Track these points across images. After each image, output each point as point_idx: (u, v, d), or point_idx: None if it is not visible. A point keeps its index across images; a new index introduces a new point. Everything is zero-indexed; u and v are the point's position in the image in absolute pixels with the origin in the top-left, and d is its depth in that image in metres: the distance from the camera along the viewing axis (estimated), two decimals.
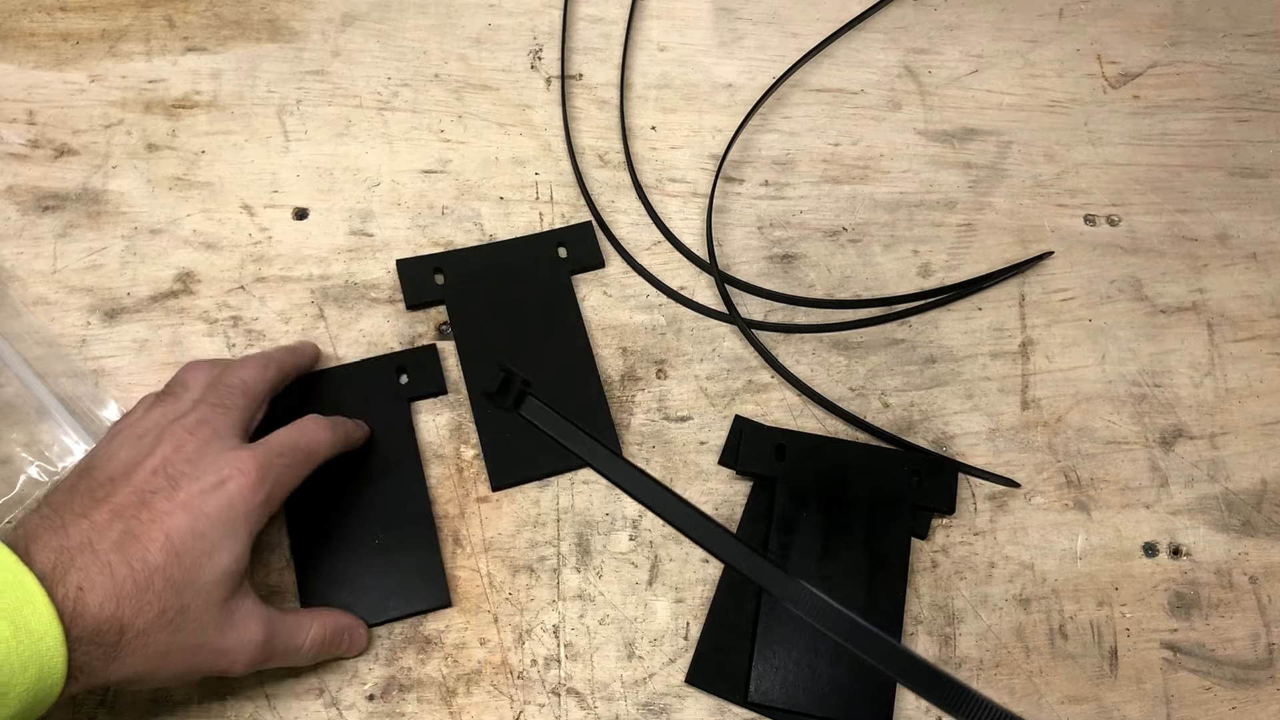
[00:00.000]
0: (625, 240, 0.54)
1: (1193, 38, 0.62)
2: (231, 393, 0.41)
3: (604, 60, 0.59)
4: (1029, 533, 0.48)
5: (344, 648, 0.42)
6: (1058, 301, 0.54)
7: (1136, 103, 0.60)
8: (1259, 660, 0.47)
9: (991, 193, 0.56)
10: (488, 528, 0.46)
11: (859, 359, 0.52)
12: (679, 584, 0.46)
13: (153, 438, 0.38)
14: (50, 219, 0.51)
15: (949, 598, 0.47)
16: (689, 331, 0.52)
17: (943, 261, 0.54)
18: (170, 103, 0.55)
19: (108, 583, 0.33)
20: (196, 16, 0.57)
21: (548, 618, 0.45)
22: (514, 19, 0.59)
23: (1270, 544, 0.49)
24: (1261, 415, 0.52)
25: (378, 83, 0.56)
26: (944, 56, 0.60)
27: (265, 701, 0.42)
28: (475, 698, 0.43)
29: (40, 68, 0.55)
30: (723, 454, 0.49)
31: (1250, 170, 0.58)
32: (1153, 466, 0.50)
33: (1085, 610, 0.47)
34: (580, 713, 0.43)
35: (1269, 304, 0.55)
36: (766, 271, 0.53)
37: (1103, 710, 0.45)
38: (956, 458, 0.49)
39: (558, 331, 0.50)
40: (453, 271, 0.51)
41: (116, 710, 0.42)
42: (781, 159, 0.56)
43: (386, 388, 0.48)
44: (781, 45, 0.60)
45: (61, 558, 0.33)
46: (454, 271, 0.51)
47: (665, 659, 0.45)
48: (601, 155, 0.56)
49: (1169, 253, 0.56)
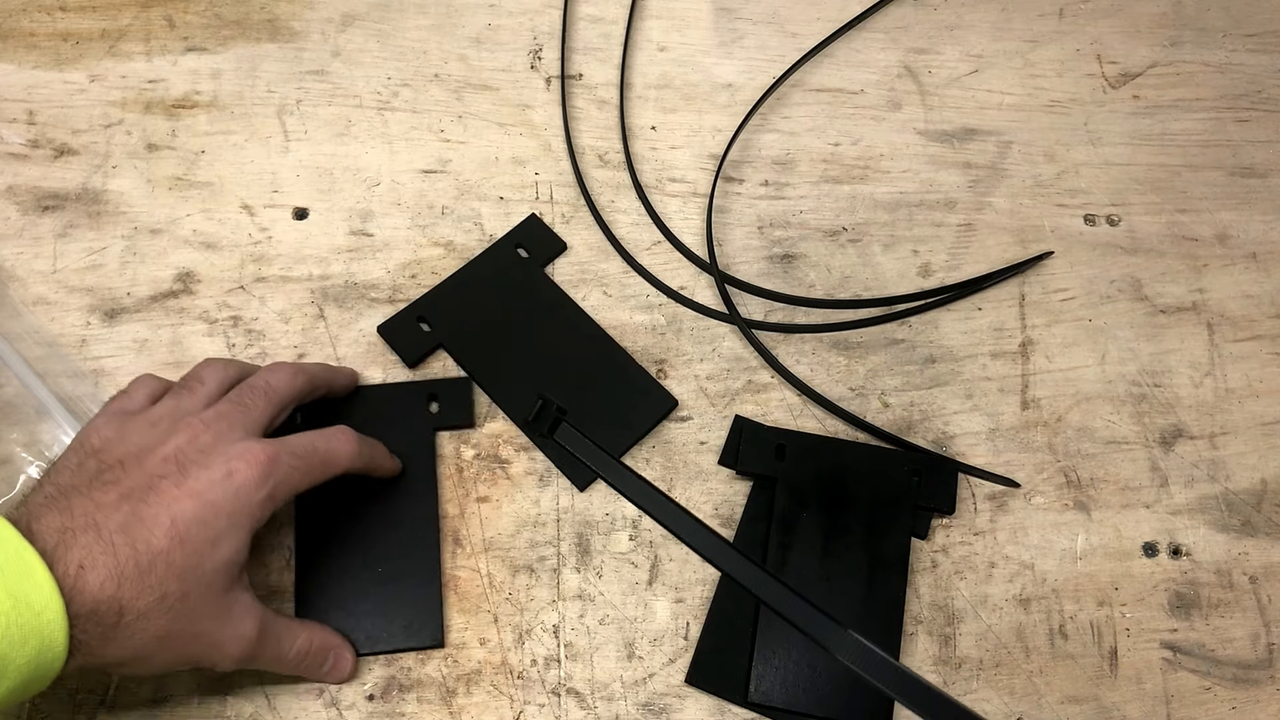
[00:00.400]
0: (625, 240, 0.54)
1: (1193, 38, 0.62)
2: (254, 393, 0.41)
3: (604, 60, 0.59)
4: (1029, 533, 0.48)
5: (327, 668, 0.42)
6: (1058, 301, 0.54)
7: (1136, 103, 0.60)
8: (1259, 660, 0.47)
9: (991, 193, 0.56)
10: (488, 528, 0.46)
11: (859, 359, 0.52)
12: (679, 584, 0.46)
13: (167, 425, 0.38)
14: (50, 219, 0.51)
15: (949, 598, 0.47)
16: (689, 331, 0.52)
17: (943, 261, 0.54)
18: (170, 103, 0.55)
19: (110, 563, 0.33)
20: (196, 16, 0.57)
21: (548, 618, 0.45)
22: (514, 19, 0.59)
23: (1270, 544, 0.49)
24: (1261, 415, 0.52)
25: (378, 83, 0.56)
26: (944, 56, 0.60)
27: (265, 702, 0.42)
28: (475, 698, 0.43)
29: (40, 68, 0.55)
30: (723, 454, 0.49)
31: (1250, 170, 0.58)
32: (1153, 466, 0.50)
33: (1085, 610, 0.47)
34: (580, 713, 0.43)
35: (1269, 304, 0.55)
36: (766, 271, 0.53)
37: (1103, 710, 0.45)
38: (956, 458, 0.49)
39: (559, 325, 0.50)
40: (436, 314, 0.50)
41: (116, 710, 0.42)
42: (781, 159, 0.56)
43: (415, 414, 0.47)
44: (781, 45, 0.60)
45: (65, 536, 0.33)
46: (437, 314, 0.50)
47: (665, 659, 0.45)
48: (601, 155, 0.56)
49: (1169, 253, 0.56)
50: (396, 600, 0.44)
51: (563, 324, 0.51)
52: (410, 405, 0.48)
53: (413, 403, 0.48)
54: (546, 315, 0.51)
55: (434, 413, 0.48)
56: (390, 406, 0.47)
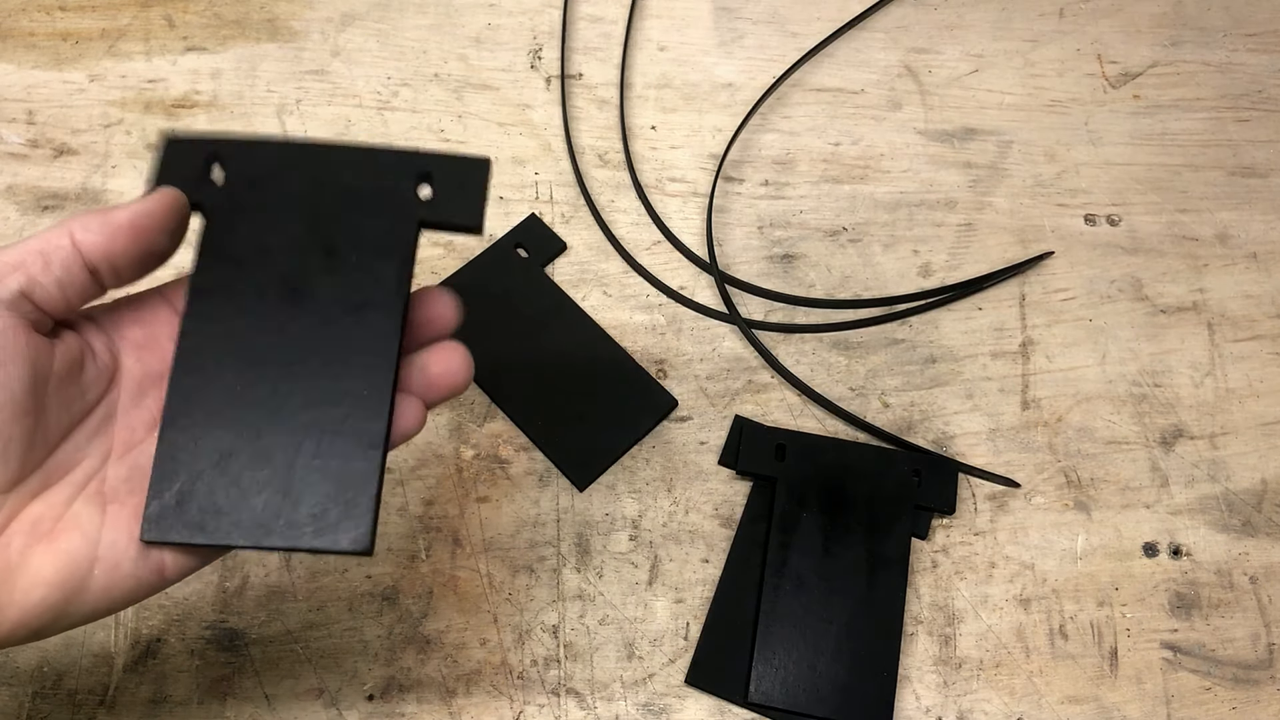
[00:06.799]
0: (625, 240, 0.54)
1: (1193, 38, 0.62)
2: None
3: (604, 60, 0.59)
4: (1029, 533, 0.48)
5: None
6: (1058, 301, 0.54)
7: (1136, 102, 0.60)
8: (1259, 660, 0.46)
9: (992, 192, 0.56)
10: (488, 528, 0.46)
11: (859, 359, 0.52)
12: (679, 584, 0.46)
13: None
14: (50, 219, 0.51)
15: (949, 598, 0.47)
16: (689, 331, 0.52)
17: (943, 261, 0.54)
18: (170, 102, 0.55)
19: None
20: (196, 16, 0.57)
21: (547, 618, 0.45)
22: (514, 19, 0.59)
23: (1270, 544, 0.49)
24: (1261, 415, 0.52)
25: (377, 82, 0.56)
26: (944, 56, 0.60)
27: (265, 702, 0.42)
28: (475, 698, 0.43)
29: (40, 67, 0.55)
30: (723, 454, 0.49)
31: (1250, 170, 0.58)
32: (1153, 466, 0.50)
33: (1085, 610, 0.47)
34: (580, 713, 0.43)
35: (1269, 304, 0.54)
36: (766, 271, 0.53)
37: (1103, 710, 0.45)
38: (956, 458, 0.49)
39: (559, 325, 0.50)
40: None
41: (116, 710, 0.42)
42: (781, 159, 0.56)
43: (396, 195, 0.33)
44: (781, 45, 0.60)
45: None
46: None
47: (665, 659, 0.45)
48: (601, 155, 0.56)
49: (1169, 253, 0.55)
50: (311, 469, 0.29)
51: (563, 324, 0.51)
52: (390, 179, 0.33)
53: (393, 177, 0.33)
54: (546, 315, 0.51)
55: (423, 199, 0.33)
56: (364, 177, 0.32)
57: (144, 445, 0.31)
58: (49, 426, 0.29)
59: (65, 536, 0.28)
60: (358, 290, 0.31)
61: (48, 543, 0.28)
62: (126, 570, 0.29)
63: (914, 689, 0.45)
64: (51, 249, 0.28)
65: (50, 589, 0.27)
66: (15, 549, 0.27)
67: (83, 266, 0.29)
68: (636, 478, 0.48)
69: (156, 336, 0.32)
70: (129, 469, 0.30)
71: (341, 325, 0.31)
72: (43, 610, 0.27)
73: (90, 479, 0.30)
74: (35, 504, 0.28)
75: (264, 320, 0.31)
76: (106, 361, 0.31)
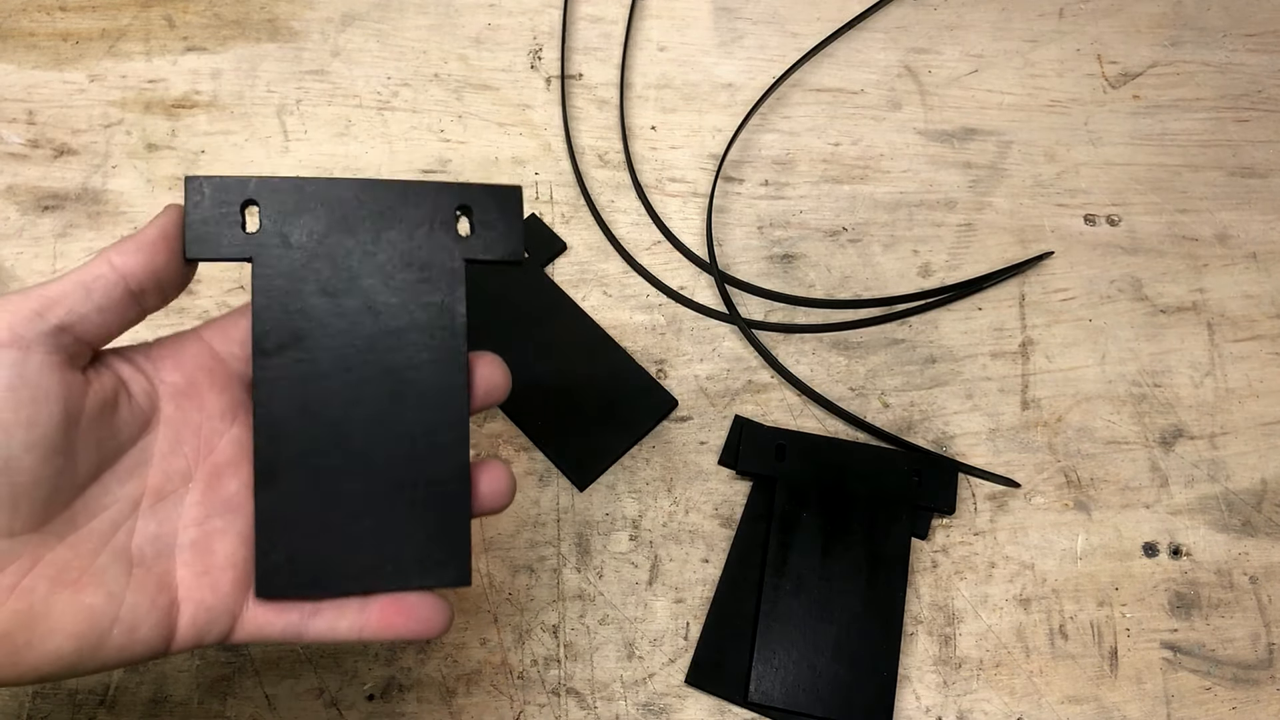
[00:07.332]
0: (625, 240, 0.54)
1: (1193, 38, 0.62)
2: None
3: (604, 60, 0.59)
4: (1029, 533, 0.48)
5: None
6: (1058, 301, 0.54)
7: (1136, 103, 0.60)
8: (1259, 660, 0.47)
9: (991, 193, 0.56)
10: (488, 528, 0.46)
11: (859, 359, 0.52)
12: (679, 584, 0.46)
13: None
14: (50, 219, 0.51)
15: (949, 598, 0.47)
16: (689, 331, 0.52)
17: (943, 261, 0.54)
18: (170, 102, 0.55)
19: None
20: (196, 16, 0.57)
21: (547, 618, 0.45)
22: (514, 19, 0.59)
23: (1270, 544, 0.49)
24: (1261, 415, 0.52)
25: (377, 82, 0.56)
26: (944, 56, 0.60)
27: (265, 702, 0.42)
28: (475, 698, 0.43)
29: (40, 67, 0.55)
30: (723, 454, 0.49)
31: (1250, 170, 0.58)
32: (1153, 466, 0.50)
33: (1085, 610, 0.47)
34: (580, 713, 0.43)
35: (1269, 304, 0.54)
36: (766, 271, 0.53)
37: (1103, 710, 0.45)
38: (956, 458, 0.49)
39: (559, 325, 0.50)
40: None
41: (116, 710, 0.42)
42: (781, 159, 0.56)
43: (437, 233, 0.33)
44: (781, 45, 0.60)
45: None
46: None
47: (665, 659, 0.45)
48: (601, 155, 0.56)
49: (1169, 253, 0.56)
50: (407, 518, 0.32)
51: (563, 324, 0.51)
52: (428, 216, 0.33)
53: (431, 213, 0.33)
54: (546, 315, 0.51)
55: (464, 236, 0.33)
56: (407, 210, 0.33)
57: (174, 499, 0.31)
58: (78, 467, 0.29)
59: (90, 591, 0.28)
60: (420, 332, 0.32)
61: (72, 593, 0.28)
62: (143, 635, 0.29)
63: (914, 689, 0.45)
64: (91, 279, 0.29)
65: (69, 640, 0.27)
66: (39, 594, 0.27)
67: (125, 291, 0.29)
68: (636, 478, 0.48)
69: (196, 383, 0.32)
70: (158, 527, 0.30)
71: (410, 371, 0.32)
72: (57, 659, 0.27)
73: (118, 528, 0.30)
74: (61, 548, 0.28)
75: (333, 374, 0.32)
76: (143, 405, 0.31)
